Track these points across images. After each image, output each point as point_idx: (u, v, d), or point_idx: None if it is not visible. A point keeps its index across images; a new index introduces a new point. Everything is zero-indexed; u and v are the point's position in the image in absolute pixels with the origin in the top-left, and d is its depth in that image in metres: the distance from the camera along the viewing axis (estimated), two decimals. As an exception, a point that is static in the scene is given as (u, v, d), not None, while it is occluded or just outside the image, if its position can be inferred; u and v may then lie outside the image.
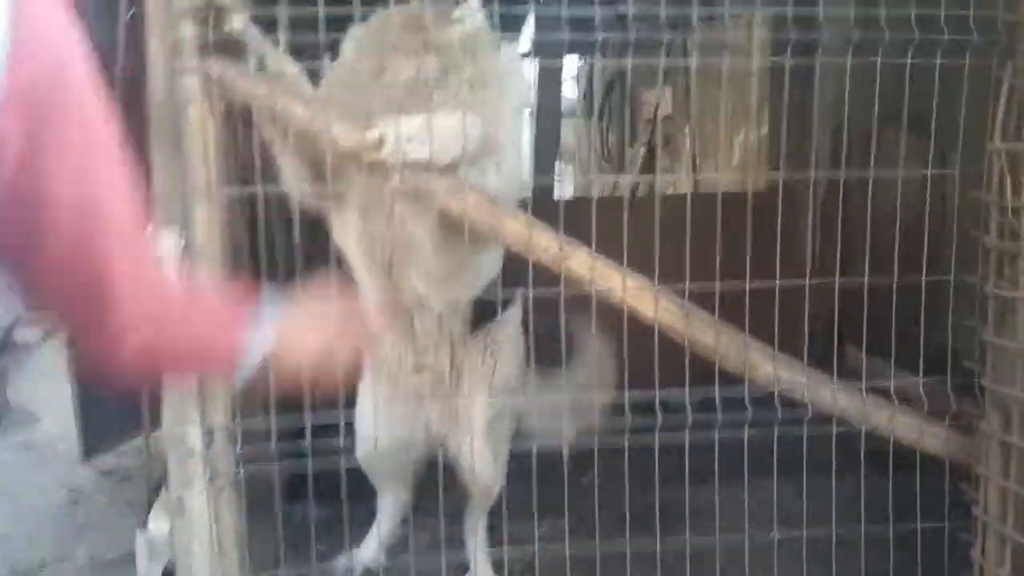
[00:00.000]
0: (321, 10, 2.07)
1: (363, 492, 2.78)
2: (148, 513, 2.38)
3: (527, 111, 4.52)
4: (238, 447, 2.23)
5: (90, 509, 3.06)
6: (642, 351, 2.48)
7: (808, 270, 2.62)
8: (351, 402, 2.69)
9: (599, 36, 2.20)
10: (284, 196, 2.39)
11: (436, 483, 2.58)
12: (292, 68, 2.22)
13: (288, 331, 1.42)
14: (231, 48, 2.10)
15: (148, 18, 2.08)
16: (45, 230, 1.09)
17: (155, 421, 2.24)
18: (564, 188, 8.21)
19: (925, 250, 2.40)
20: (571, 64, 8.28)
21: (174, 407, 2.15)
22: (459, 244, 2.32)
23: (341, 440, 2.36)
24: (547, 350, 2.79)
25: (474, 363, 2.75)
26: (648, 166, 6.61)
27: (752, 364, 2.43)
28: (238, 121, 2.25)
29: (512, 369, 2.84)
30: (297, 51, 2.22)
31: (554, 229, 2.28)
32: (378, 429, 2.74)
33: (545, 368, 2.88)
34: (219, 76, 2.09)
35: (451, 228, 2.32)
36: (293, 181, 2.34)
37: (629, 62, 2.31)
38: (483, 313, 2.79)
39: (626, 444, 2.38)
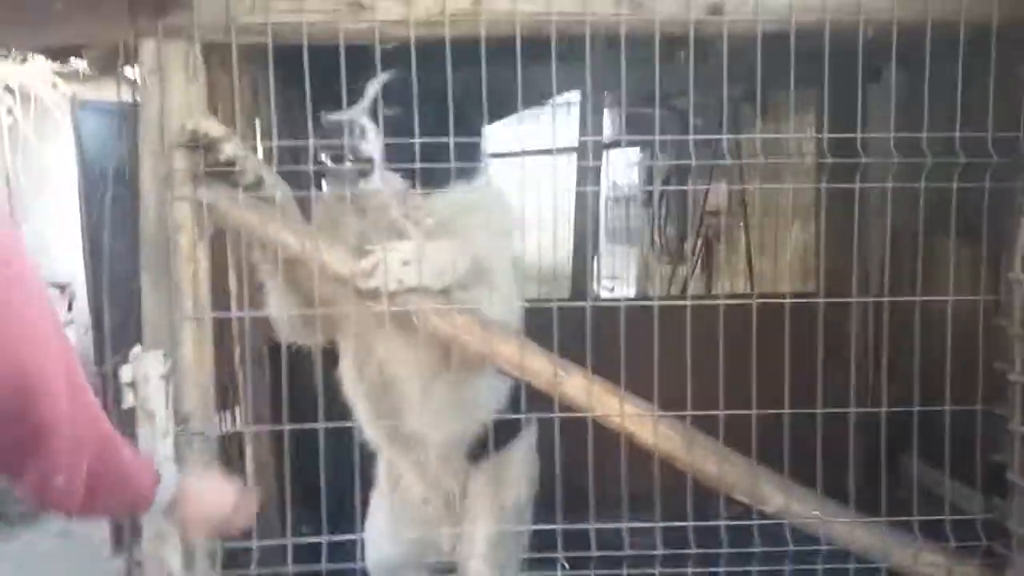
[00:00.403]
0: (311, 142, 2.11)
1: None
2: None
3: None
4: (217, 569, 2.20)
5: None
6: (642, 478, 2.37)
7: (852, 379, 2.50)
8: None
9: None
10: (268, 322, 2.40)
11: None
12: (284, 193, 2.24)
13: (189, 484, 1.64)
14: (221, 177, 2.13)
15: (141, 148, 2.14)
16: None
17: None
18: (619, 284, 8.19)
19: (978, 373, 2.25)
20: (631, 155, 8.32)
21: (153, 527, 2.14)
22: (449, 377, 2.30)
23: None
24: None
25: (480, 491, 2.67)
26: (704, 260, 6.51)
27: (761, 496, 2.30)
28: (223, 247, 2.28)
29: (520, 494, 2.73)
30: (288, 179, 2.25)
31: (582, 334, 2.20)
32: (387, 544, 2.73)
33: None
34: (210, 204, 2.13)
35: (441, 361, 2.29)
36: (279, 308, 2.35)
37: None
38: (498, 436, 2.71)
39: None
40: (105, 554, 3.77)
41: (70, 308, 5.65)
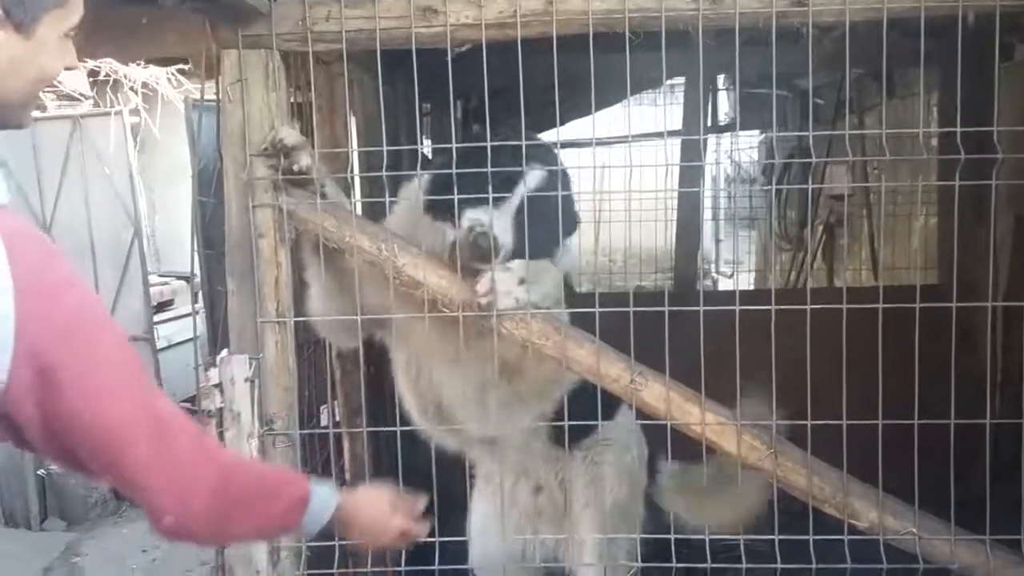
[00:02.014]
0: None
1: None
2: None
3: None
4: (303, 567, 2.26)
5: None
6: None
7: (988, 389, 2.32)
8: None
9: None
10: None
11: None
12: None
13: (353, 500, 1.65)
14: (298, 184, 2.17)
15: (224, 156, 2.20)
16: (81, 449, 1.27)
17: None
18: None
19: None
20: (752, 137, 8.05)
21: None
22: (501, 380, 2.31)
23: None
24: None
25: (577, 477, 2.68)
26: (826, 247, 6.22)
27: (852, 511, 2.18)
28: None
29: (621, 481, 2.72)
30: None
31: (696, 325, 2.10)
32: (492, 541, 2.75)
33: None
34: (290, 210, 2.18)
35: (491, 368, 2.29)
36: (322, 310, 2.40)
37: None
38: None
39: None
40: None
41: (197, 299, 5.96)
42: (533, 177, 2.24)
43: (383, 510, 1.69)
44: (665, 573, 2.26)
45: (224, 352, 2.23)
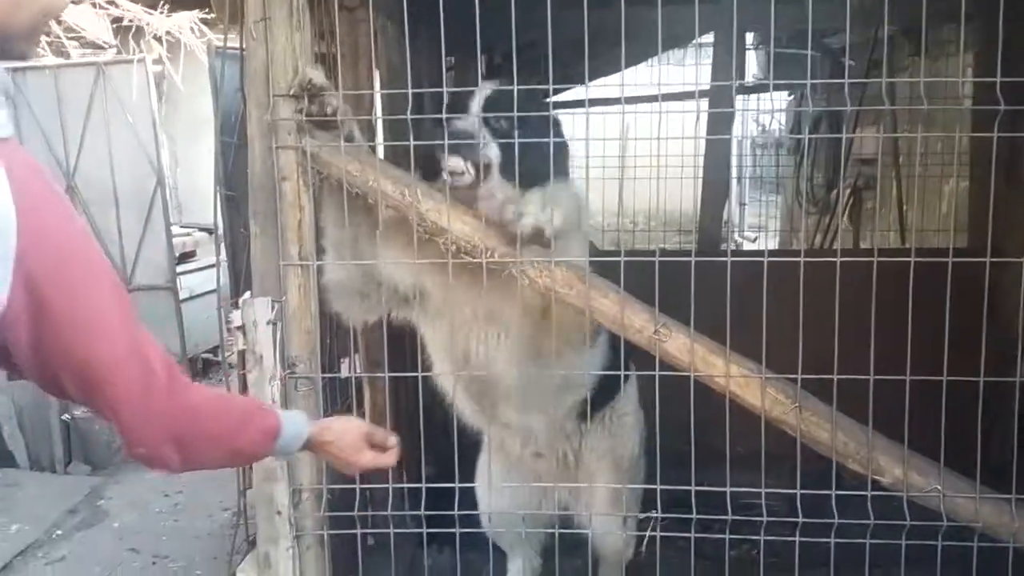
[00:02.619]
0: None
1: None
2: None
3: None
4: (323, 509, 2.27)
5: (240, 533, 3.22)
6: (750, 440, 2.26)
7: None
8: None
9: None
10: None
11: (567, 546, 2.56)
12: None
13: (324, 430, 1.75)
14: (322, 127, 2.15)
15: (247, 97, 2.18)
16: (66, 379, 1.29)
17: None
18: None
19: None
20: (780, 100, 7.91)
21: (264, 466, 2.23)
22: (541, 362, 2.32)
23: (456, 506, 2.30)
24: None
25: (594, 446, 2.73)
26: (853, 211, 6.14)
27: (876, 466, 2.16)
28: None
29: (633, 442, 2.81)
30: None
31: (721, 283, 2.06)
32: (500, 498, 2.77)
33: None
34: (314, 152, 2.16)
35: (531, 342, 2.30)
36: (337, 273, 2.37)
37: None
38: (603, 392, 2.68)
39: (728, 541, 2.21)
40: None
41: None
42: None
43: (353, 443, 1.79)
44: (684, 524, 2.26)
45: (247, 294, 2.23)
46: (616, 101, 2.22)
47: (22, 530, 4.34)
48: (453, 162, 2.24)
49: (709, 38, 4.51)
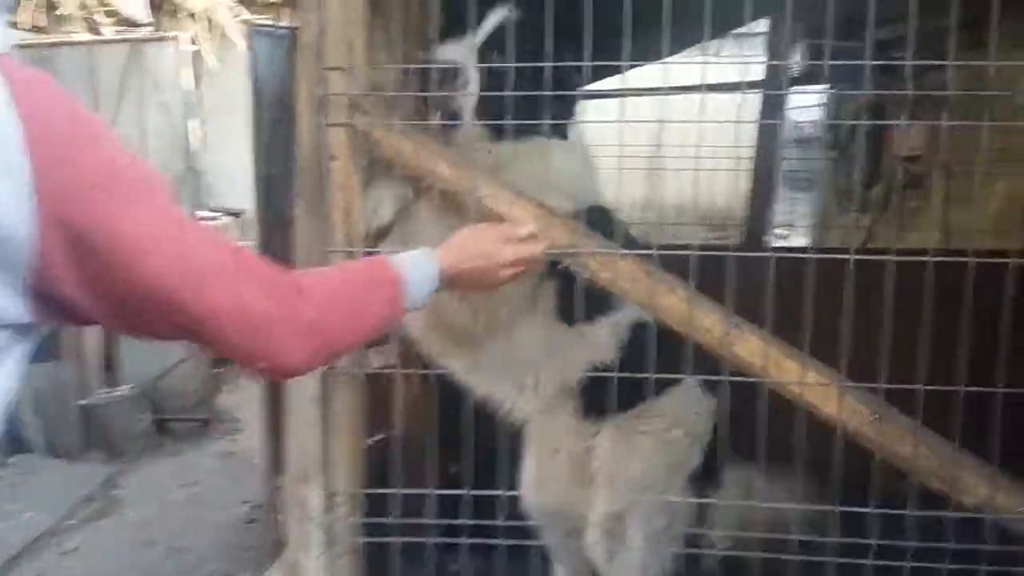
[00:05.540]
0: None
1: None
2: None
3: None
4: (358, 512, 2.13)
5: (263, 531, 3.10)
6: (820, 453, 2.10)
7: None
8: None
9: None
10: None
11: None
12: None
13: (452, 253, 1.62)
14: (377, 104, 2.00)
15: (298, 72, 2.04)
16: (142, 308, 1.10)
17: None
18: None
19: None
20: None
21: (297, 467, 2.09)
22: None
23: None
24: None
25: (603, 451, 2.45)
26: (895, 209, 5.94)
27: (960, 485, 2.00)
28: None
29: (655, 464, 2.46)
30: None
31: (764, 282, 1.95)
32: (541, 497, 2.58)
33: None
34: (366, 131, 2.01)
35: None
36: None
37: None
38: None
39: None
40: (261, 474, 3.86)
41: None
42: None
43: (489, 249, 1.67)
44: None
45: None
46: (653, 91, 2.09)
47: (35, 518, 4.23)
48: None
49: (748, 29, 4.35)
